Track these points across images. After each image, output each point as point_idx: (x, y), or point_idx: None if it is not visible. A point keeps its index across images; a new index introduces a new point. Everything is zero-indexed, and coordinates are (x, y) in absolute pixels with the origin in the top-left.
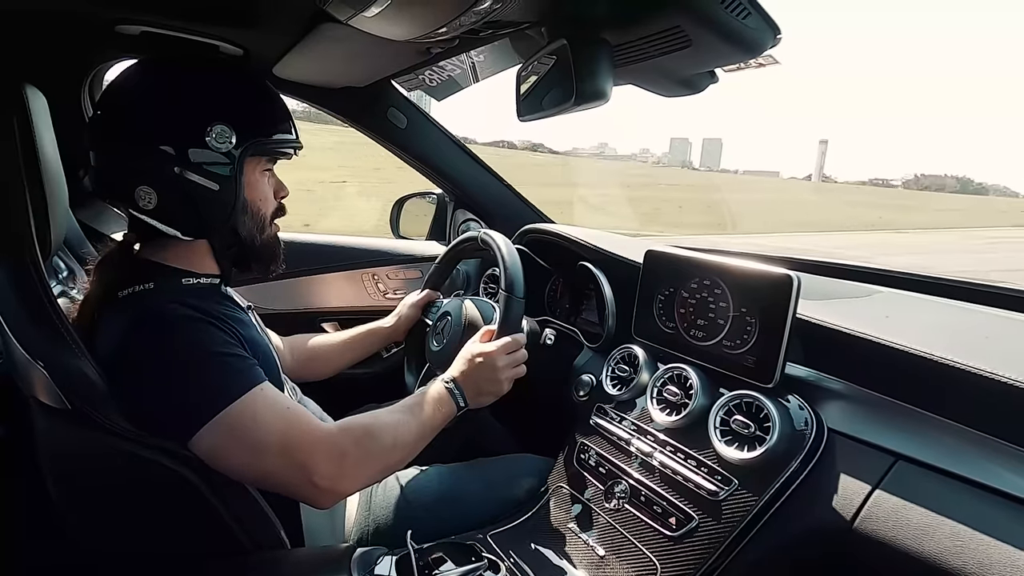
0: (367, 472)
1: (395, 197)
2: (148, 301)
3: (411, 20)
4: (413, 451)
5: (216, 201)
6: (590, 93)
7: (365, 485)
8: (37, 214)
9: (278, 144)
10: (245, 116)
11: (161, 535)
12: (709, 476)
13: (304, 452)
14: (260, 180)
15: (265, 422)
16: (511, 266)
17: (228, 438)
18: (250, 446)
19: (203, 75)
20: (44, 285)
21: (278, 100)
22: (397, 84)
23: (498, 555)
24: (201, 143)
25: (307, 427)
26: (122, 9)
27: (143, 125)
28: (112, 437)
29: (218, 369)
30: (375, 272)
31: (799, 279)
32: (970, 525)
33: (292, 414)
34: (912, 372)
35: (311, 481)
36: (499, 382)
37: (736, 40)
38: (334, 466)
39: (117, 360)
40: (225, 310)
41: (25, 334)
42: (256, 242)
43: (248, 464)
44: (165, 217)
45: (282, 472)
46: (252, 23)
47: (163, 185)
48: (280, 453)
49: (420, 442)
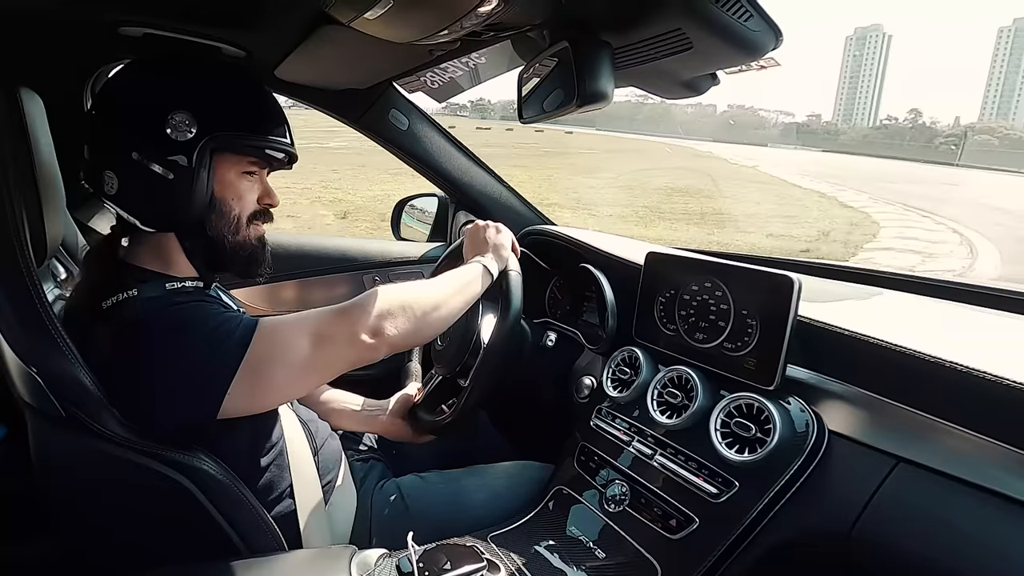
0: (405, 317)
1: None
2: (133, 309)
3: (413, 22)
4: (448, 298)
5: (173, 191)
6: (592, 95)
7: (410, 331)
8: (32, 218)
9: (256, 144)
10: (213, 110)
11: (156, 539)
12: (710, 478)
13: (335, 323)
14: (237, 180)
15: (284, 330)
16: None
17: (260, 371)
18: (282, 356)
19: (178, 68)
20: (37, 290)
21: (267, 102)
22: (398, 86)
23: (498, 556)
24: (160, 131)
25: (322, 310)
26: (125, 11)
27: (112, 111)
28: (105, 443)
29: (217, 333)
30: (376, 274)
31: (800, 281)
32: (971, 528)
33: (300, 314)
34: (913, 374)
35: (354, 341)
36: (497, 228)
37: (737, 42)
38: (370, 320)
39: (113, 372)
40: (211, 298)
41: (18, 340)
42: (226, 243)
43: (290, 374)
44: (125, 204)
45: (326, 354)
46: (255, 25)
47: (123, 170)
48: (314, 340)
49: (453, 291)
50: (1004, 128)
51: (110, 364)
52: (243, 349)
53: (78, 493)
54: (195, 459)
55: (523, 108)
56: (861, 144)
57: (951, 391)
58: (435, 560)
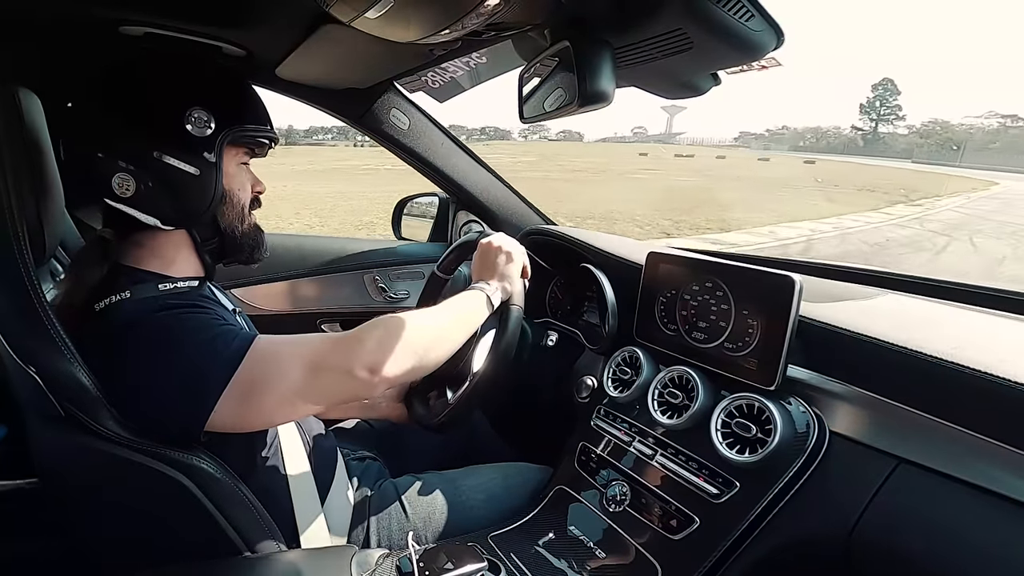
0: (404, 353)
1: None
2: (127, 311)
3: (414, 22)
4: (448, 332)
5: (196, 188)
6: (593, 95)
7: (408, 368)
8: (31, 218)
9: (256, 134)
10: (224, 103)
11: (157, 538)
12: (710, 478)
13: (330, 355)
14: (238, 171)
15: (279, 355)
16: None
17: (250, 392)
18: (274, 383)
19: (182, 63)
20: (37, 290)
21: (255, 93)
22: (399, 85)
23: (499, 556)
24: (180, 127)
25: (322, 337)
26: (126, 10)
27: (123, 110)
28: (105, 442)
29: (212, 342)
30: (376, 273)
31: (801, 281)
32: (972, 529)
33: (300, 338)
34: (915, 375)
35: (349, 376)
36: (508, 254)
37: (739, 42)
38: (367, 355)
39: (108, 372)
40: (207, 302)
41: (17, 339)
42: (236, 232)
43: (281, 401)
44: (143, 205)
45: (318, 387)
46: (255, 24)
47: (142, 171)
48: (308, 370)
49: (453, 325)
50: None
51: (105, 364)
52: (233, 368)
53: (78, 492)
54: (194, 458)
55: (524, 108)
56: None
57: (952, 391)
58: (435, 560)
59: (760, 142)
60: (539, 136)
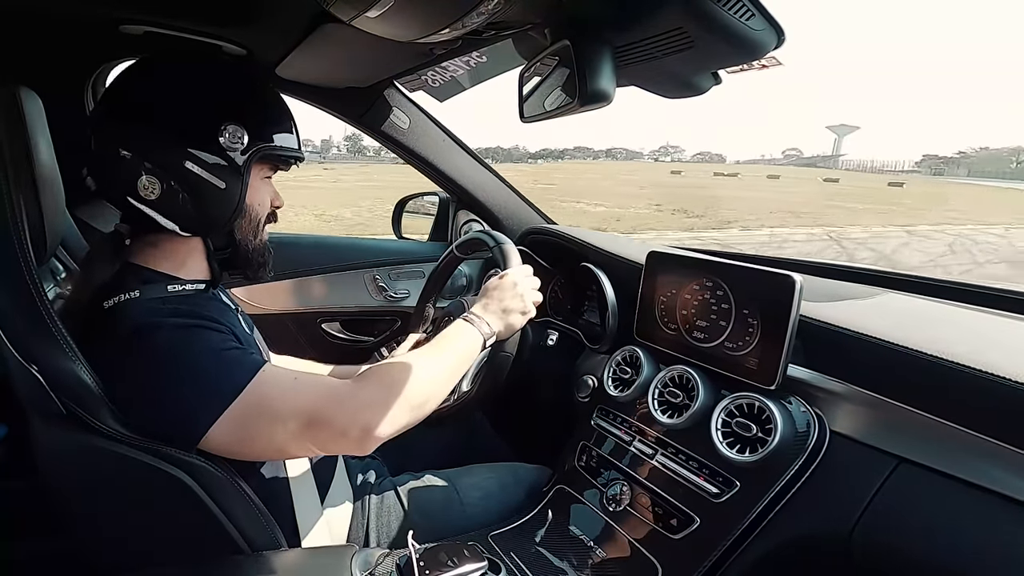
0: (399, 411)
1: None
2: (135, 312)
3: (414, 21)
4: (443, 383)
5: (220, 200)
6: (593, 94)
7: (403, 425)
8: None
9: (284, 152)
10: (257, 120)
11: (158, 537)
12: (710, 478)
13: (327, 411)
14: (261, 185)
15: (278, 399)
16: (499, 238)
17: (244, 427)
18: (268, 425)
19: (219, 75)
20: (38, 288)
21: (287, 108)
22: (400, 85)
23: (499, 556)
24: (215, 141)
25: (322, 388)
26: (126, 9)
27: (157, 118)
28: (106, 441)
29: (216, 368)
30: (376, 272)
31: (802, 281)
32: (972, 529)
33: (302, 382)
34: (915, 374)
35: (343, 436)
36: (522, 297)
37: (739, 41)
38: (362, 415)
39: (112, 373)
40: (214, 312)
41: (19, 338)
42: (249, 246)
43: (273, 442)
44: (165, 209)
45: (312, 438)
46: (255, 23)
47: (169, 178)
48: (303, 422)
49: (449, 375)
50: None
51: (109, 364)
52: (233, 396)
53: (79, 491)
54: (196, 456)
55: (524, 107)
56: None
57: (953, 391)
58: (436, 559)
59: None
60: (671, 158)
